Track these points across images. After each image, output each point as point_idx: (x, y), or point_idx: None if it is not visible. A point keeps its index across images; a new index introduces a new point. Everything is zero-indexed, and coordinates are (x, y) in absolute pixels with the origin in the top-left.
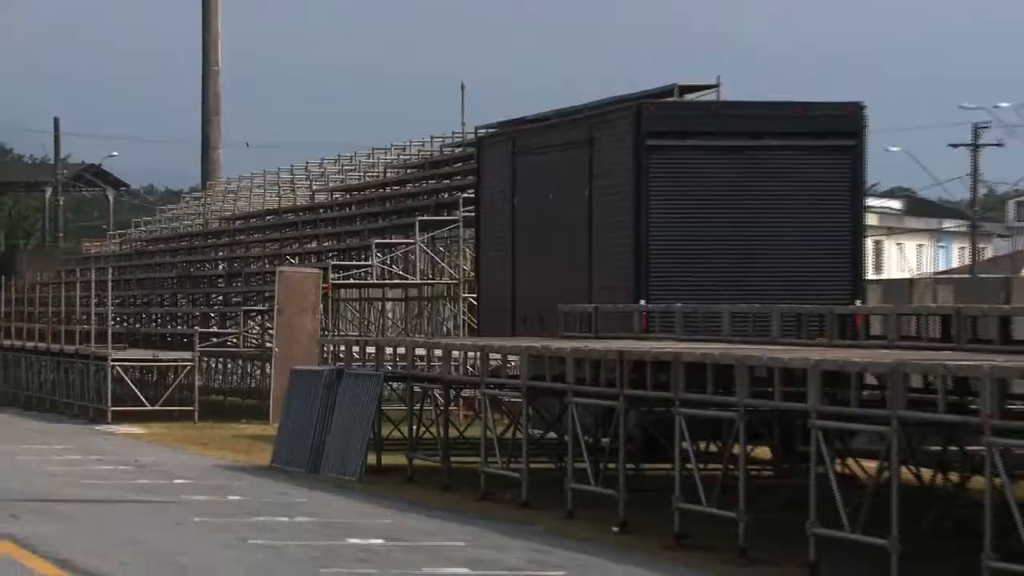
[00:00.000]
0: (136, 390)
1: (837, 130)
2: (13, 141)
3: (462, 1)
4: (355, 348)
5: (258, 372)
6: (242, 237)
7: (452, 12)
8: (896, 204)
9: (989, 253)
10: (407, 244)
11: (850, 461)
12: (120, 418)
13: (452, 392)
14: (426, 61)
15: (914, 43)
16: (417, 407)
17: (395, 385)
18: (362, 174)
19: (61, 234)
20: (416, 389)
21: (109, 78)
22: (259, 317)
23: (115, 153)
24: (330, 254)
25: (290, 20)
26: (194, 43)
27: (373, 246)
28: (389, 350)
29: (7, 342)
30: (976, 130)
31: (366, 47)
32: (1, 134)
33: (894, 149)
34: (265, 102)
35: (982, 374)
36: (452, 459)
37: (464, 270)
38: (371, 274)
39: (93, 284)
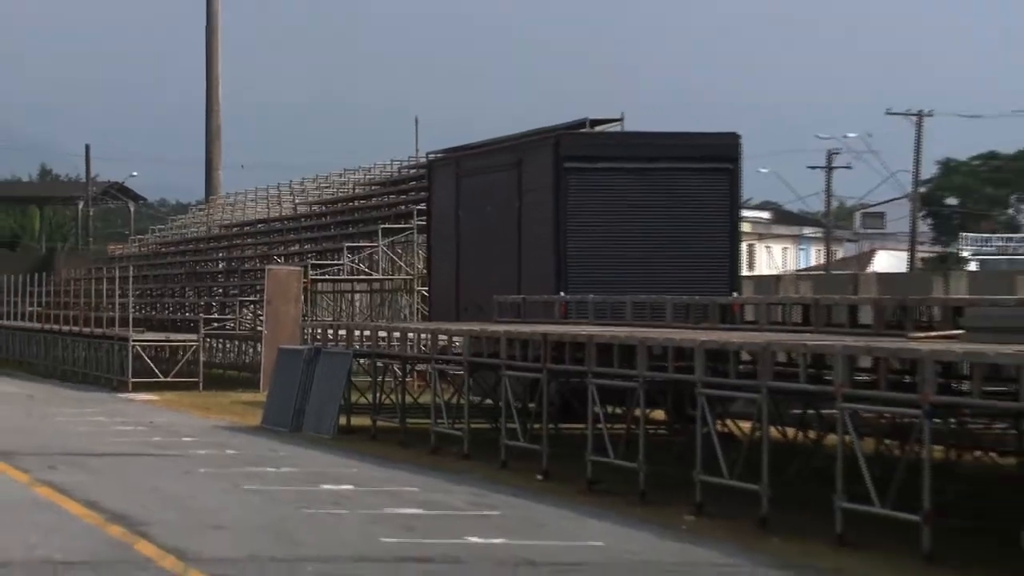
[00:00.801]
0: (151, 365)
1: (718, 155)
2: (52, 162)
3: (419, 48)
4: (330, 331)
5: (251, 350)
6: (238, 241)
7: (409, 55)
8: (765, 214)
9: (840, 254)
10: (372, 247)
11: (729, 422)
12: (138, 387)
13: (408, 366)
14: (388, 97)
15: (783, 85)
16: (380, 378)
17: (362, 361)
18: (335, 190)
19: (91, 239)
20: (379, 364)
21: (130, 112)
22: (252, 306)
23: (135, 173)
24: (309, 255)
25: (280, 64)
26: (200, 84)
27: (344, 248)
28: (357, 333)
29: (48, 326)
30: (829, 155)
31: (341, 86)
32: (42, 156)
33: (764, 170)
34: (257, 131)
35: (835, 351)
36: (408, 421)
37: (418, 268)
38: (342, 271)
39: (117, 279)
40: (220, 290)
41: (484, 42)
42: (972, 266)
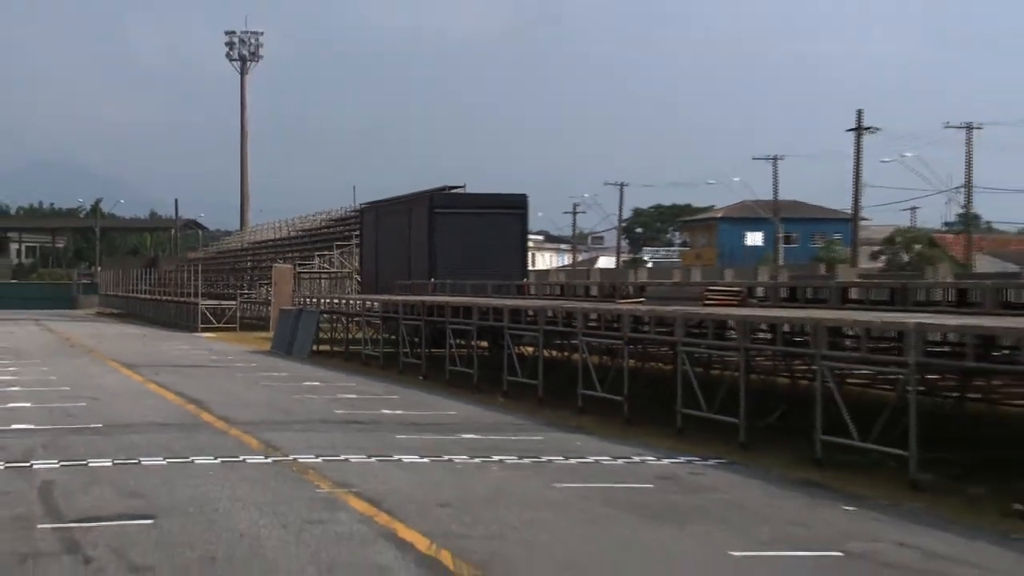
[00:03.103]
0: (211, 317)
1: (516, 205)
2: (156, 208)
3: (357, 150)
4: (308, 300)
5: (265, 310)
6: (259, 251)
7: (349, 150)
8: (540, 237)
9: (580, 258)
10: (330, 254)
11: (522, 348)
12: (203, 330)
13: (351, 318)
14: (336, 172)
15: (554, 160)
16: (334, 325)
17: (325, 315)
18: (311, 223)
19: (178, 250)
20: (334, 317)
21: (200, 179)
22: (265, 286)
23: (202, 214)
24: (297, 259)
25: (284, 151)
26: (237, 163)
27: (315, 255)
28: (323, 300)
29: (154, 296)
30: (575, 206)
31: (314, 164)
32: (151, 205)
33: (541, 214)
34: (270, 188)
35: (578, 310)
36: (350, 348)
37: (355, 266)
38: (314, 267)
39: (192, 271)
40: (248, 277)
41: (391, 146)
42: (649, 265)
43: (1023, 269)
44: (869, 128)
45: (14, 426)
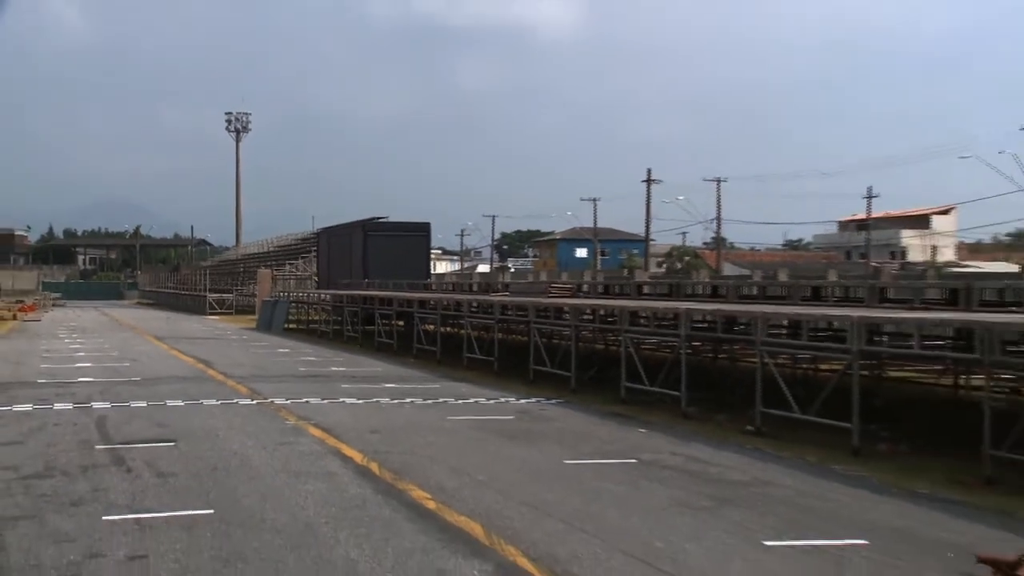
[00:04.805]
0: (216, 305)
1: (422, 230)
2: (178, 231)
3: (313, 190)
4: (281, 293)
5: (253, 300)
6: (248, 261)
7: (310, 189)
8: (439, 251)
9: (466, 266)
10: (297, 262)
11: (427, 325)
12: (210, 314)
13: (311, 305)
14: (299, 204)
15: (449, 197)
16: (300, 310)
17: (293, 304)
18: (284, 242)
19: (194, 260)
20: (299, 304)
21: (210, 210)
22: (253, 284)
23: (209, 235)
24: (275, 266)
25: (266, 188)
26: (232, 198)
27: (287, 263)
28: (292, 294)
29: (177, 290)
30: (462, 231)
31: (290, 198)
32: (175, 229)
33: (440, 235)
34: (258, 214)
35: (464, 300)
36: (310, 326)
37: (314, 270)
38: (286, 272)
39: (203, 275)
40: (241, 278)
41: (338, 186)
42: (512, 270)
43: (753, 273)
44: (656, 180)
45: (80, 379)
